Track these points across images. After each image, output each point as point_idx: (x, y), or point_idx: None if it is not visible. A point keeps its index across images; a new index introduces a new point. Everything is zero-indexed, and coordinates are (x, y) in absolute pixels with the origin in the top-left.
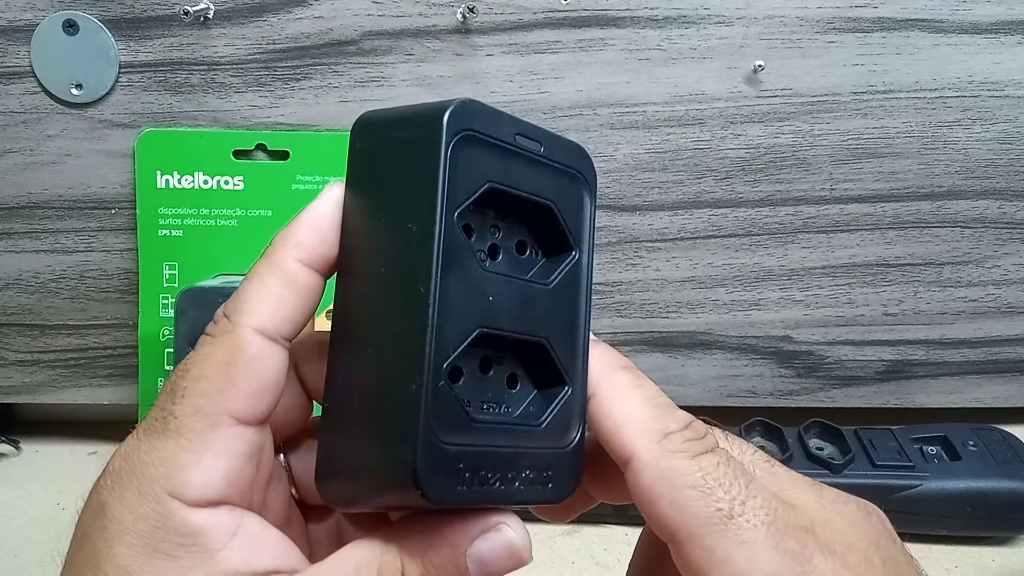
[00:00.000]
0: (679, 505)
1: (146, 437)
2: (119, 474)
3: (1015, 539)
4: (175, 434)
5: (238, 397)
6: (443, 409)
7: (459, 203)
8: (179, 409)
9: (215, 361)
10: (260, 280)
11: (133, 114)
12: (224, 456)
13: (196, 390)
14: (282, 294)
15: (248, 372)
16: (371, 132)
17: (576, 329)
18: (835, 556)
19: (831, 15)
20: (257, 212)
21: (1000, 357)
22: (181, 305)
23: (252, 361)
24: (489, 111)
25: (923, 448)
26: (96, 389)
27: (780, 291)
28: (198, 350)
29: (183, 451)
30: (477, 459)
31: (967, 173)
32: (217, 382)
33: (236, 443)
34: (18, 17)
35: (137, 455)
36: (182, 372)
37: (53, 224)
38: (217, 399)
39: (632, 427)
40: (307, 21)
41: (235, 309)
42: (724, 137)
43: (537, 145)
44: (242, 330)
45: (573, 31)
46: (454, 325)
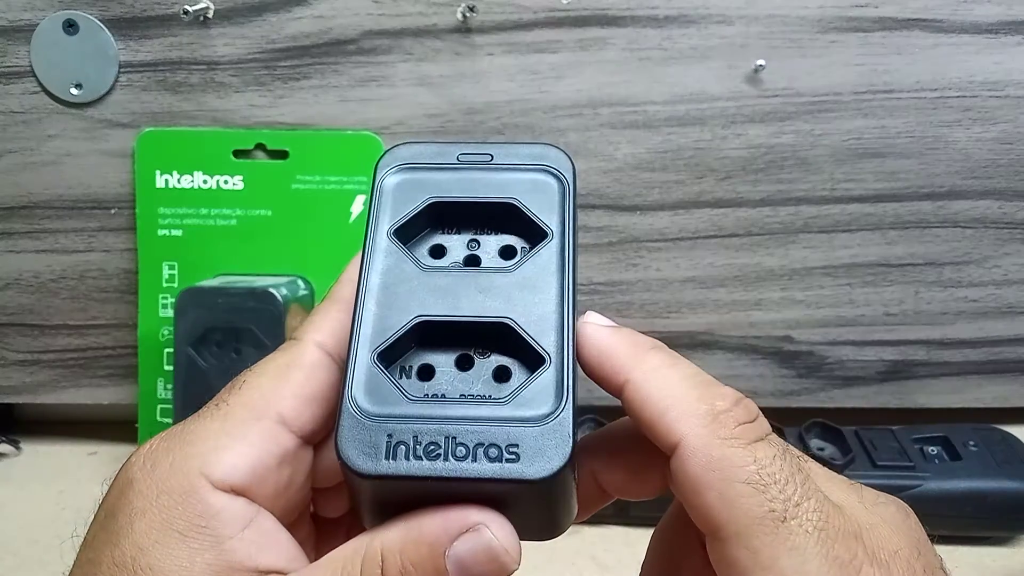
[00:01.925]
0: (729, 500)
1: (193, 422)
2: (155, 452)
3: (1015, 539)
4: (221, 418)
5: (288, 397)
6: (373, 387)
7: (398, 219)
8: (232, 399)
9: (276, 364)
10: (324, 309)
11: (133, 114)
12: (257, 448)
13: (252, 384)
14: (343, 319)
15: (303, 377)
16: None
17: (549, 305)
18: (882, 567)
19: (832, 15)
20: (257, 212)
21: (1000, 357)
22: (181, 305)
23: (309, 368)
24: (427, 145)
25: (923, 448)
26: (96, 389)
27: (781, 291)
28: (267, 358)
29: (223, 433)
30: (416, 433)
31: (968, 173)
32: (273, 381)
33: (272, 441)
34: (18, 17)
35: (180, 434)
36: (247, 371)
37: (53, 224)
38: (268, 395)
39: (676, 409)
40: (307, 21)
41: (303, 330)
42: (725, 137)
43: (485, 157)
44: (304, 342)
45: (573, 30)
46: (391, 318)
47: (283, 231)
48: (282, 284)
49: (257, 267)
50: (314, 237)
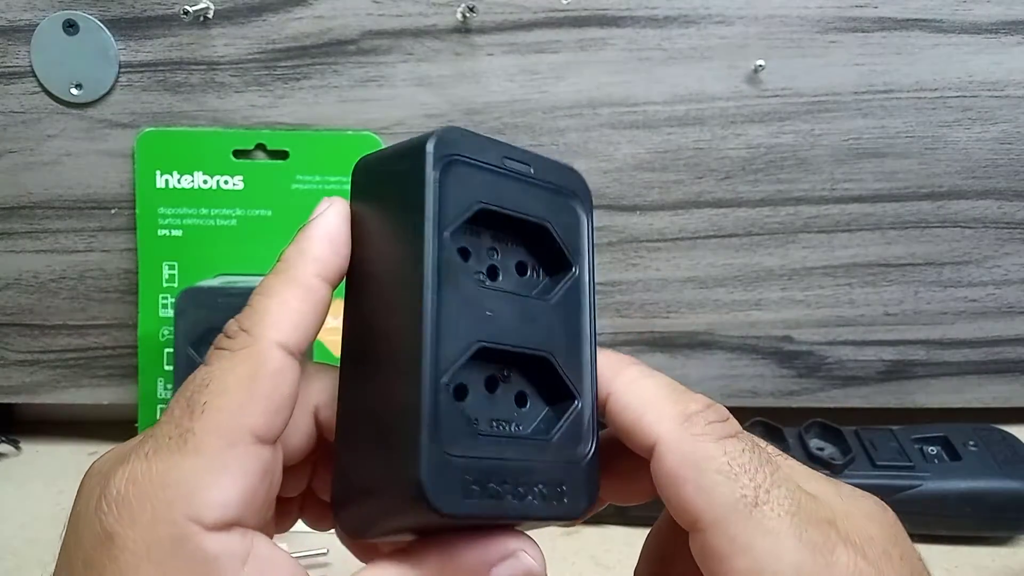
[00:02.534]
0: (705, 490)
1: (159, 457)
2: (127, 500)
3: (1015, 539)
4: (194, 452)
5: (259, 413)
6: (447, 422)
7: (449, 223)
8: (198, 426)
9: (236, 376)
10: (280, 295)
11: (133, 114)
12: (242, 475)
13: (216, 405)
14: (303, 309)
15: (270, 387)
16: (368, 171)
17: (581, 343)
18: (856, 549)
19: (832, 15)
20: (257, 212)
21: (1000, 357)
22: (181, 305)
23: (274, 376)
24: (474, 137)
25: (923, 448)
26: (96, 389)
27: (781, 291)
28: (216, 364)
29: (203, 471)
30: (486, 471)
31: (967, 173)
32: (238, 397)
33: (254, 461)
34: (18, 17)
35: (149, 477)
36: (199, 386)
37: (53, 224)
38: (238, 415)
39: (653, 412)
40: (307, 21)
41: (256, 323)
42: (725, 137)
43: (527, 167)
44: (265, 344)
45: (573, 31)
46: (453, 340)
47: (283, 231)
48: None
49: (257, 267)
50: None
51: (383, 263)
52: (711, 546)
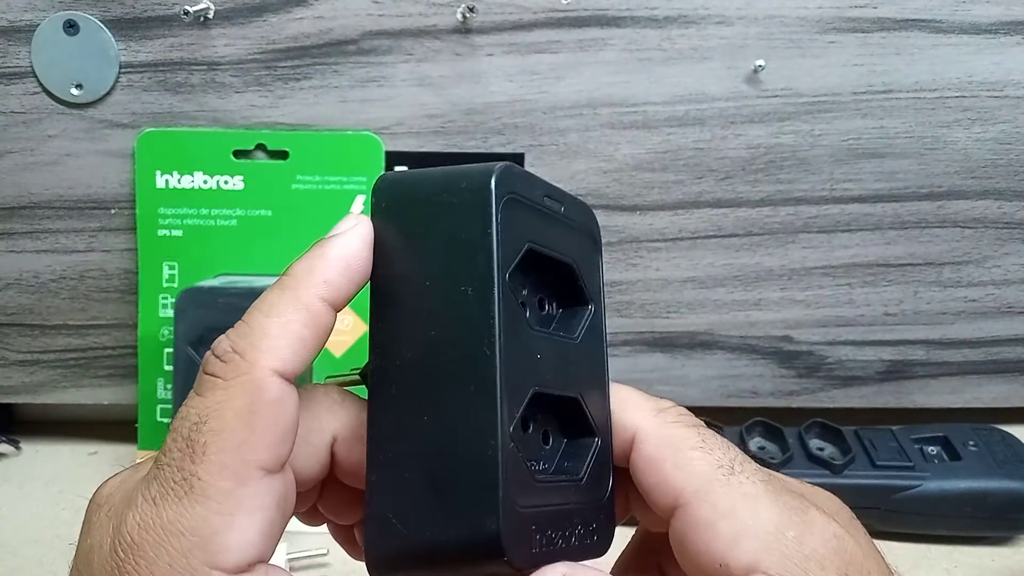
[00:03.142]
0: (683, 465)
1: (166, 503)
2: (142, 548)
3: (1015, 539)
4: (202, 497)
5: (263, 446)
6: (514, 472)
7: (507, 265)
8: (202, 469)
9: (234, 410)
10: (282, 317)
11: (133, 114)
12: (257, 512)
13: (218, 445)
14: (304, 335)
15: (271, 419)
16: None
17: (602, 382)
18: (827, 515)
19: (831, 15)
20: (257, 212)
21: (1000, 357)
22: (181, 305)
23: (274, 405)
24: (524, 174)
25: (923, 448)
26: (96, 389)
27: (780, 291)
28: (210, 395)
29: (214, 515)
30: (544, 520)
31: (967, 173)
32: (240, 434)
33: (266, 496)
34: (18, 17)
35: (160, 524)
36: (196, 425)
37: (53, 224)
38: (243, 452)
39: (631, 406)
40: (307, 21)
41: (251, 347)
42: (724, 137)
43: (559, 205)
44: (261, 372)
45: (573, 31)
46: (516, 388)
47: (283, 231)
48: None
49: (257, 267)
50: (314, 237)
51: (428, 298)
52: (694, 516)
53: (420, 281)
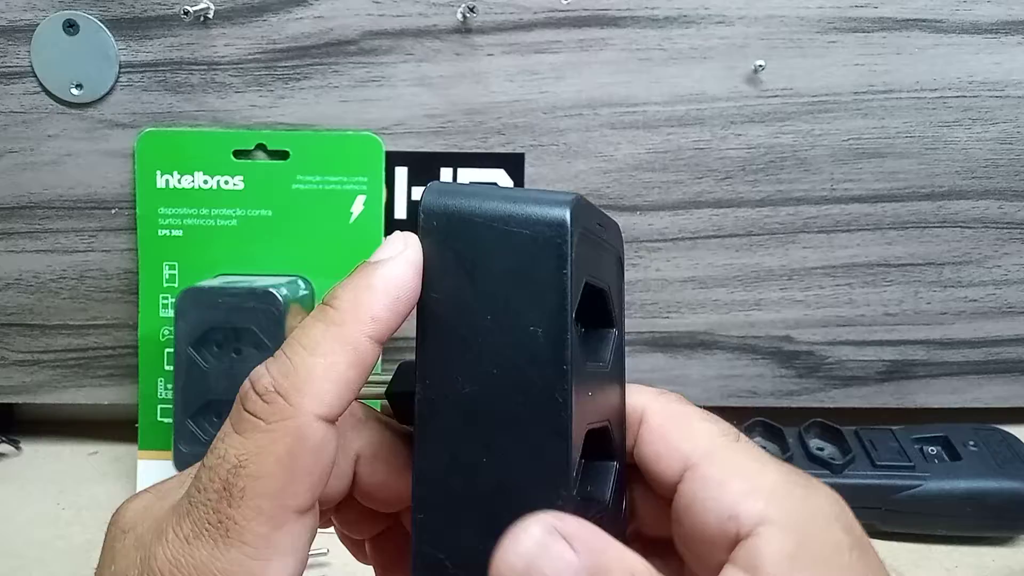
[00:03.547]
0: (692, 434)
1: (200, 543)
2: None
3: (1015, 539)
4: (238, 541)
5: (303, 491)
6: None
7: (575, 305)
8: (239, 513)
9: (275, 455)
10: (327, 358)
11: (133, 114)
12: (291, 554)
13: (257, 491)
14: (350, 376)
15: (312, 464)
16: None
17: (623, 405)
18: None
19: (832, 15)
20: (257, 212)
21: (1000, 357)
22: (181, 305)
23: (316, 452)
24: (587, 204)
25: (923, 448)
26: (96, 389)
27: (780, 291)
28: (250, 437)
29: (250, 559)
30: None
31: (967, 173)
32: (280, 480)
33: (300, 537)
34: (18, 17)
35: (193, 564)
36: (235, 468)
37: (53, 224)
38: (281, 498)
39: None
40: (307, 21)
41: (294, 389)
42: (724, 137)
43: (603, 230)
44: (305, 418)
45: (573, 31)
46: (578, 432)
47: (283, 231)
48: (282, 284)
49: (257, 267)
50: (314, 237)
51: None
52: (703, 475)
53: (480, 313)
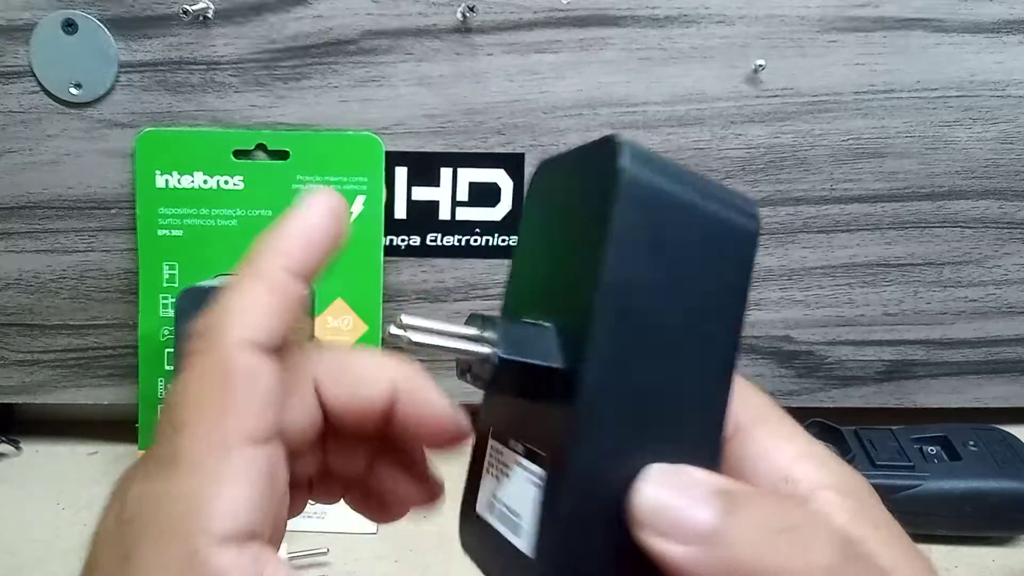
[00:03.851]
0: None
1: (159, 476)
2: (141, 519)
3: (1015, 539)
4: (188, 470)
5: (242, 416)
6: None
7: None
8: (185, 443)
9: (210, 383)
10: (242, 291)
11: (133, 114)
12: (243, 482)
13: (195, 420)
14: (271, 302)
15: (246, 388)
16: (660, 197)
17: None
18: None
19: (832, 15)
20: (257, 212)
21: (1000, 357)
22: (181, 305)
23: (247, 375)
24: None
25: (923, 448)
26: (96, 389)
27: (780, 291)
28: (187, 372)
29: (200, 485)
30: None
31: (968, 173)
32: (215, 407)
33: (251, 466)
34: (17, 17)
35: (155, 496)
36: (178, 401)
37: (53, 224)
38: (222, 424)
39: None
40: (307, 21)
41: (219, 321)
42: (724, 137)
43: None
44: (230, 345)
45: (573, 30)
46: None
47: None
48: None
49: None
50: None
51: (677, 333)
52: (756, 437)
53: (663, 295)
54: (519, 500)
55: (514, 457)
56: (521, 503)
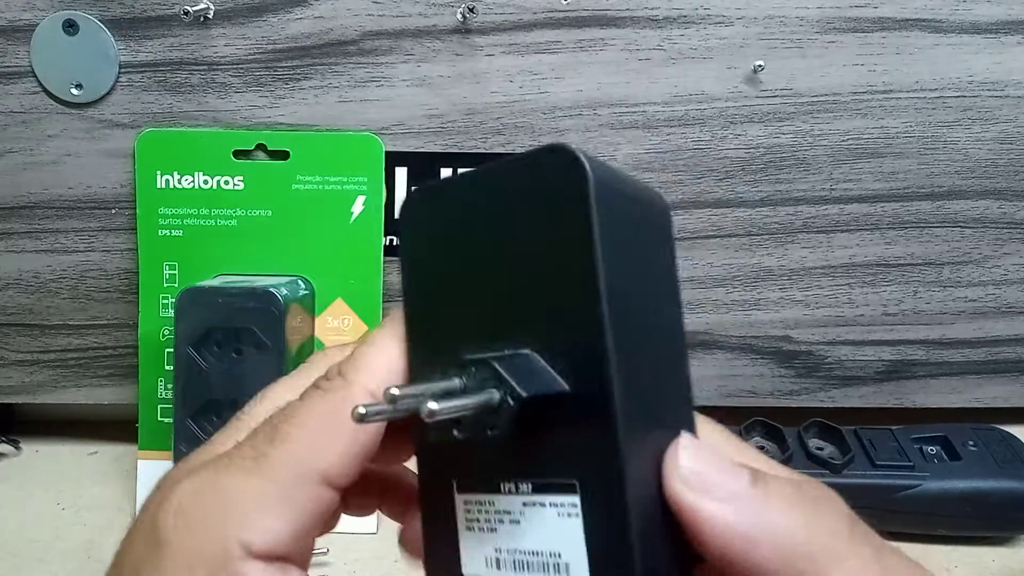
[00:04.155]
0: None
1: (230, 473)
2: (188, 511)
3: (1015, 539)
4: (263, 475)
5: (335, 456)
6: None
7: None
8: (275, 452)
9: (323, 413)
10: (380, 345)
11: (133, 114)
12: (300, 511)
13: (296, 437)
14: (402, 363)
15: (351, 432)
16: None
17: None
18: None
19: (831, 15)
20: (257, 212)
21: (1000, 357)
22: (181, 305)
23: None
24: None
25: (923, 448)
26: (96, 389)
27: (780, 291)
28: (307, 399)
29: (265, 494)
30: None
31: (967, 173)
32: (320, 436)
33: (316, 502)
34: (18, 17)
35: (214, 490)
36: (285, 416)
37: (53, 224)
38: (316, 452)
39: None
40: (307, 21)
41: (352, 368)
42: (724, 137)
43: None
44: (356, 389)
45: (573, 31)
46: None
47: (283, 231)
48: (282, 284)
49: (257, 267)
50: (314, 237)
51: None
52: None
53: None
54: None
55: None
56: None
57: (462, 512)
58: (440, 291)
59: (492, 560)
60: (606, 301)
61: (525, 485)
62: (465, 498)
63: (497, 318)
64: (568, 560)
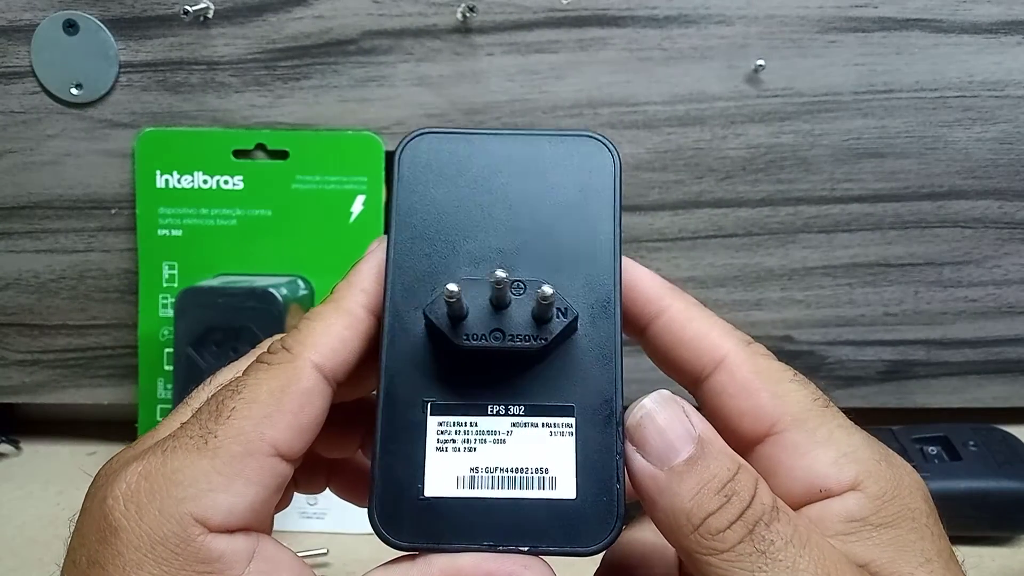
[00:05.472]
0: (781, 395)
1: (176, 455)
2: (137, 494)
3: (1015, 539)
4: (212, 454)
5: (283, 427)
6: None
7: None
8: (222, 429)
9: (268, 387)
10: (325, 320)
11: (133, 114)
12: (254, 484)
13: (243, 412)
14: (345, 335)
15: (298, 404)
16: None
17: None
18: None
19: (832, 15)
20: (257, 212)
21: (1000, 357)
22: (181, 305)
23: (305, 394)
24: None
25: (923, 448)
26: (96, 389)
27: (781, 291)
28: (251, 374)
29: (215, 472)
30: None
31: (967, 173)
32: (266, 408)
33: (268, 474)
34: (18, 17)
35: (163, 473)
36: (230, 392)
37: (53, 224)
38: (262, 425)
39: (718, 331)
40: (307, 21)
41: (297, 342)
42: (725, 137)
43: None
44: (301, 362)
45: (573, 30)
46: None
47: (283, 231)
48: (282, 284)
49: (257, 267)
50: (314, 237)
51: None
52: (793, 443)
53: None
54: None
55: (506, 422)
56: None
57: (434, 434)
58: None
59: (464, 479)
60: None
61: (517, 407)
62: (441, 420)
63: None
64: (556, 474)
